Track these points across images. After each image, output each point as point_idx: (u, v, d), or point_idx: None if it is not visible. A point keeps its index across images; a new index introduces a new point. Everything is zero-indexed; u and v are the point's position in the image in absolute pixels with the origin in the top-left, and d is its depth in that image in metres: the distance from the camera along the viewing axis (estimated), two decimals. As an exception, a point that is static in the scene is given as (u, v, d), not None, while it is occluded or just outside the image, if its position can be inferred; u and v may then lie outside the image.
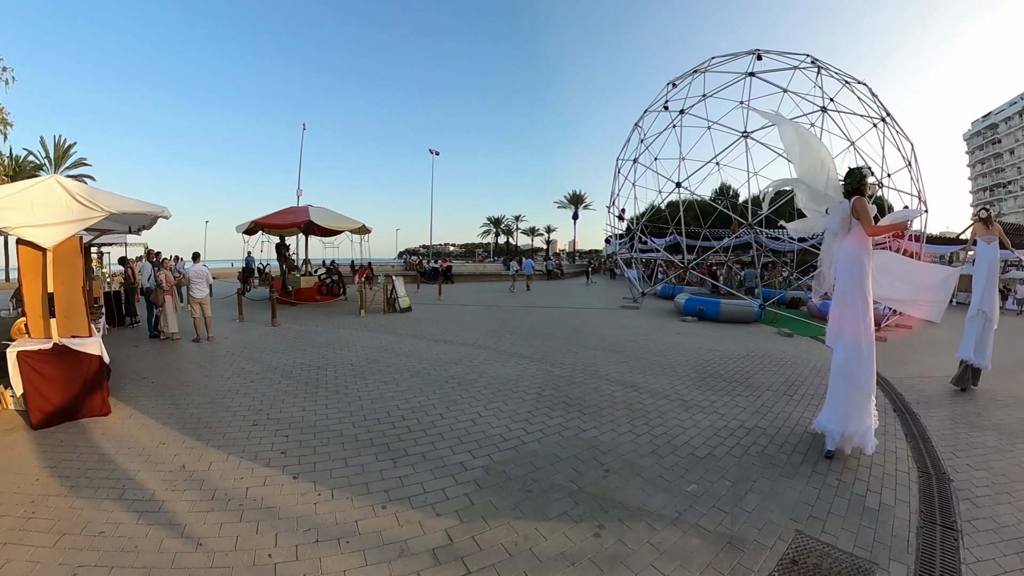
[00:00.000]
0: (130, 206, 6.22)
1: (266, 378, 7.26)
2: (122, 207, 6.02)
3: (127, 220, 8.33)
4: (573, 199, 77.51)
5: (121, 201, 6.10)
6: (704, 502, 3.79)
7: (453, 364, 8.31)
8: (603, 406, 6.11)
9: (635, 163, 21.00)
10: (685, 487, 4.03)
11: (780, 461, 4.57)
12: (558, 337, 11.09)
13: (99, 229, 9.50)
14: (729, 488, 4.02)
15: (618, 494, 3.92)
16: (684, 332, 11.85)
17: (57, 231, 5.50)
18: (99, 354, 5.92)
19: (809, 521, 3.56)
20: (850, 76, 16.20)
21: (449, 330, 11.84)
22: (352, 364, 8.18)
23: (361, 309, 14.42)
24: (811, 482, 4.15)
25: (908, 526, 3.54)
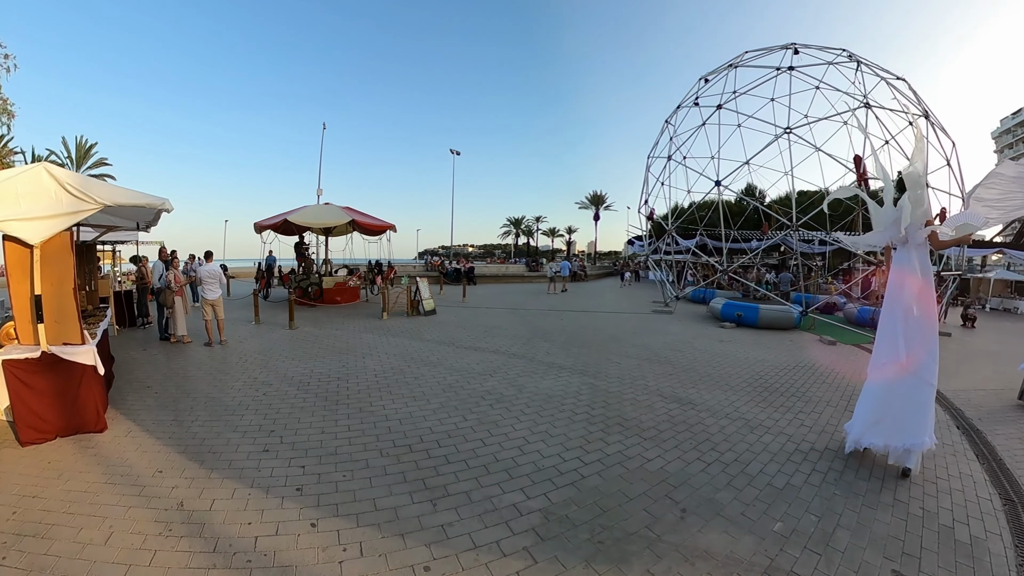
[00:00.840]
0: (127, 198, 5.57)
1: (280, 390, 6.55)
2: (118, 199, 5.38)
3: (128, 214, 7.77)
4: (594, 199, 77.20)
5: (117, 192, 5.46)
6: (794, 543, 3.38)
7: (487, 376, 7.53)
8: (662, 428, 5.46)
9: (669, 160, 20.11)
10: (771, 526, 3.58)
11: (860, 488, 4.22)
12: (595, 345, 10.34)
13: (105, 225, 9.01)
14: (816, 524, 3.63)
15: (701, 540, 3.39)
16: (726, 339, 11.20)
17: (45, 225, 4.88)
18: (92, 364, 5.28)
19: (904, 560, 3.27)
20: (888, 71, 15.32)
21: (478, 336, 11.07)
22: (376, 375, 7.44)
23: (384, 312, 13.74)
24: (896, 512, 3.84)
25: (1006, 563, 3.30)
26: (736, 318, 13.36)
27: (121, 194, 5.51)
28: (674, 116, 20.02)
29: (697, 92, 18.88)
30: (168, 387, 6.76)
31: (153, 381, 7.06)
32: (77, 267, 8.40)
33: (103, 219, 8.37)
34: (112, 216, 8.05)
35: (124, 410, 5.83)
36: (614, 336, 11.56)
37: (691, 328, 13.08)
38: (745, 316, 13.20)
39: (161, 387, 6.76)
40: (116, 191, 5.47)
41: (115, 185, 5.66)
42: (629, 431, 5.34)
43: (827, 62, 15.42)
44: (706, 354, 9.49)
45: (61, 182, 4.93)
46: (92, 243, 8.96)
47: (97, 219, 8.44)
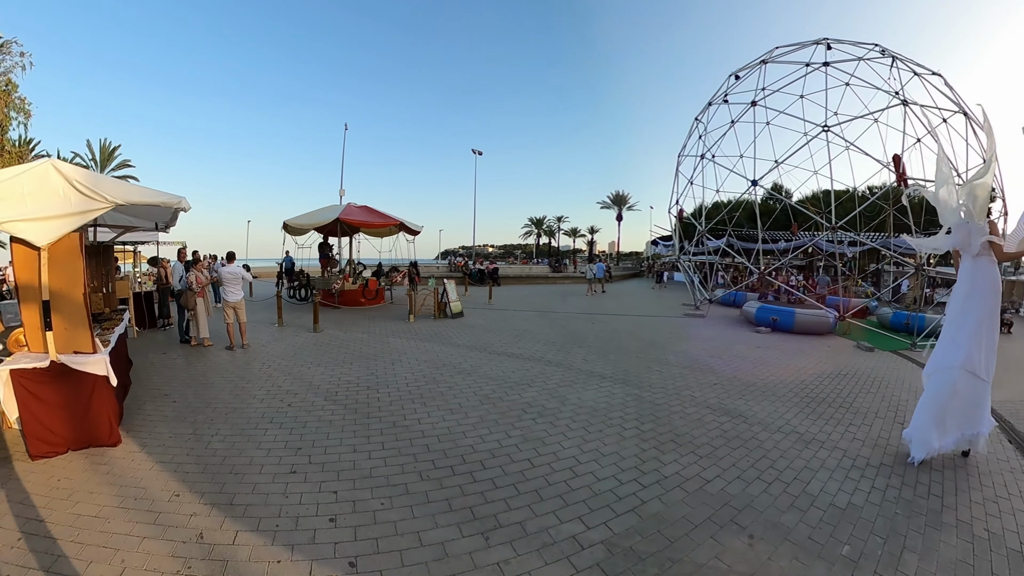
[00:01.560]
0: (141, 196, 5.22)
1: (307, 401, 6.13)
2: (131, 197, 5.03)
3: (144, 214, 7.48)
4: (616, 199, 76.61)
5: (130, 190, 5.12)
6: (864, 568, 3.17)
7: (526, 386, 7.04)
8: (716, 444, 5.10)
9: (702, 159, 19.40)
10: (839, 550, 3.37)
11: (920, 507, 4.00)
12: (633, 351, 9.84)
13: (123, 226, 8.77)
14: (883, 547, 3.42)
15: (773, 569, 3.14)
16: (763, 345, 10.77)
17: (52, 226, 4.55)
18: (104, 374, 4.94)
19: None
20: (923, 66, 14.49)
21: (510, 341, 10.58)
22: (408, 383, 6.99)
23: (410, 314, 13.35)
24: (960, 534, 3.63)
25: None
26: (771, 322, 13.00)
27: (135, 192, 5.17)
28: (704, 113, 19.52)
29: (728, 89, 18.42)
30: (187, 395, 6.42)
31: (172, 388, 6.74)
32: (93, 269, 8.21)
33: (120, 219, 8.13)
34: (129, 216, 7.80)
35: (140, 421, 5.50)
36: (650, 341, 11.09)
37: (726, 333, 12.60)
38: (781, 321, 12.84)
39: (180, 395, 6.42)
40: (129, 189, 5.13)
41: (129, 183, 5.30)
42: (683, 448, 4.95)
43: (857, 58, 14.91)
44: (746, 361, 9.09)
45: (70, 179, 4.59)
46: (109, 244, 8.71)
47: (114, 219, 8.23)
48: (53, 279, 4.72)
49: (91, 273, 7.94)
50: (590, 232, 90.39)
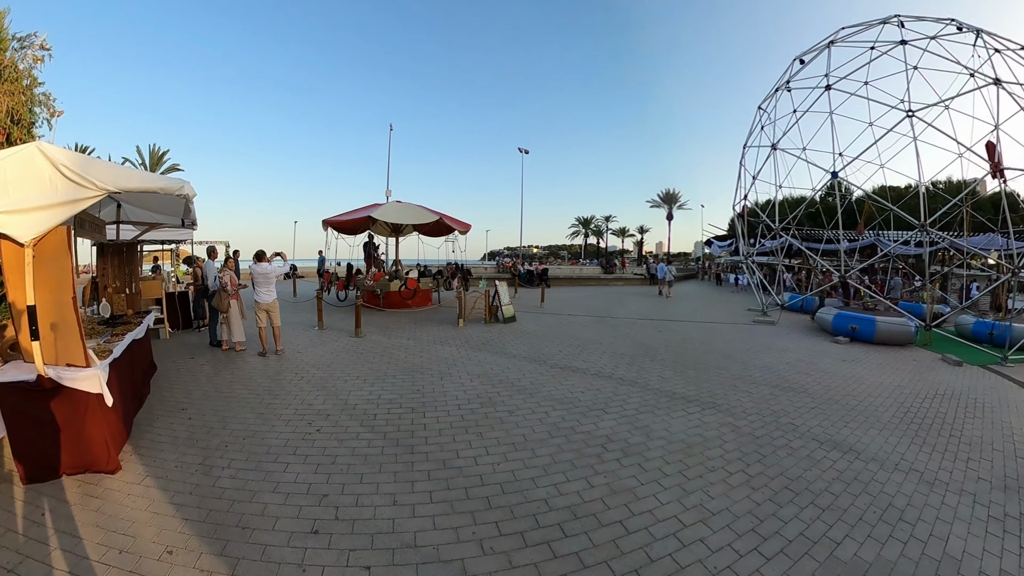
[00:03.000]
0: (136, 181, 4.44)
1: (339, 426, 5.19)
2: (125, 183, 4.25)
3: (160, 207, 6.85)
4: (667, 198, 75.25)
5: (123, 175, 4.33)
6: None
7: (600, 412, 5.91)
8: (835, 490, 4.24)
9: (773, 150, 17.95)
10: None
11: None
12: (711, 366, 8.56)
13: (147, 223, 8.23)
14: None
15: None
16: (848, 359, 9.77)
17: (37, 219, 3.82)
18: (99, 392, 4.17)
19: None
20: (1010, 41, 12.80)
21: (571, 351, 9.43)
22: (459, 406, 5.96)
23: (459, 318, 12.40)
24: None
25: None
26: (850, 331, 12.07)
27: (130, 177, 4.39)
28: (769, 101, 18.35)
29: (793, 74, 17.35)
30: (205, 411, 5.66)
31: (191, 401, 6.03)
32: (116, 268, 7.67)
33: (143, 215, 7.60)
34: (150, 211, 7.21)
35: (147, 441, 4.82)
36: (726, 353, 9.80)
37: (804, 343, 11.49)
38: (861, 330, 11.96)
39: (197, 410, 5.68)
40: (123, 174, 4.35)
41: (124, 167, 4.55)
42: (801, 498, 4.05)
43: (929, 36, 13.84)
44: (836, 378, 8.12)
45: (56, 164, 3.82)
46: (133, 242, 8.18)
47: (137, 216, 7.71)
48: (40, 281, 3.98)
49: (113, 273, 7.39)
50: (640, 232, 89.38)
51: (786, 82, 17.55)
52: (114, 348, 5.00)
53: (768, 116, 18.48)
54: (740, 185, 19.79)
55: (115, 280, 7.33)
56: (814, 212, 22.30)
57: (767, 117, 18.53)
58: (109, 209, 7.16)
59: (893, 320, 11.92)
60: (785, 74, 17.70)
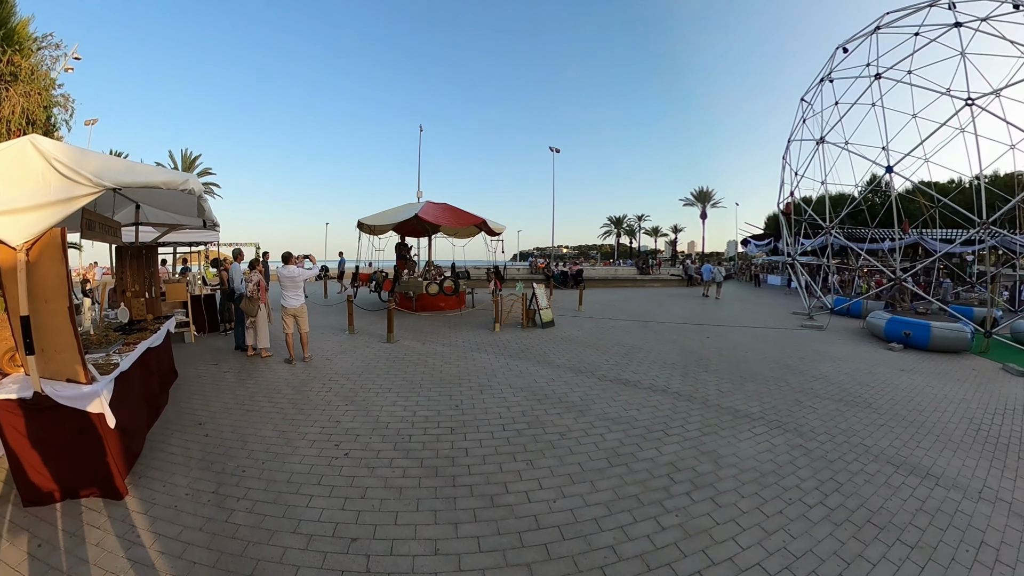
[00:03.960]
0: (137, 176, 4.01)
1: (370, 450, 4.65)
2: (122, 178, 3.81)
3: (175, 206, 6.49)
4: (700, 196, 74.19)
5: (120, 170, 3.89)
6: None
7: (661, 434, 5.26)
8: (920, 522, 3.77)
9: (821, 143, 17.23)
10: None
11: None
12: (769, 378, 7.89)
13: (167, 224, 7.93)
14: None
15: None
16: (907, 368, 9.13)
17: (29, 220, 3.44)
18: (100, 412, 3.75)
19: None
20: None
21: (619, 361, 8.74)
22: (504, 425, 5.36)
23: (496, 323, 11.83)
24: None
25: None
26: (903, 337, 11.55)
27: (129, 171, 3.95)
28: (812, 93, 17.67)
29: (835, 64, 16.69)
30: (223, 426, 5.24)
31: (209, 414, 5.63)
32: (135, 271, 7.33)
33: (163, 216, 7.28)
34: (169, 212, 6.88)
35: (159, 461, 4.45)
36: (781, 363, 9.08)
37: (858, 350, 10.83)
38: (914, 335, 11.40)
39: (215, 425, 5.27)
40: (121, 168, 3.91)
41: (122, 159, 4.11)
42: (887, 534, 3.61)
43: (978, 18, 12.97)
44: (898, 390, 7.55)
45: (49, 158, 3.40)
46: (152, 245, 7.88)
47: (157, 217, 7.41)
48: (34, 288, 3.58)
49: (132, 277, 7.06)
50: (673, 231, 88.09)
51: (829, 73, 16.91)
52: (122, 360, 4.56)
53: (811, 108, 17.92)
54: (784, 181, 19.05)
55: (134, 284, 7.00)
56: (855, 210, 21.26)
57: (811, 109, 17.95)
58: (128, 211, 6.90)
59: (948, 326, 11.20)
60: (828, 64, 17.00)
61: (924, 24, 14.18)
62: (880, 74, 15.11)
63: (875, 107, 16.39)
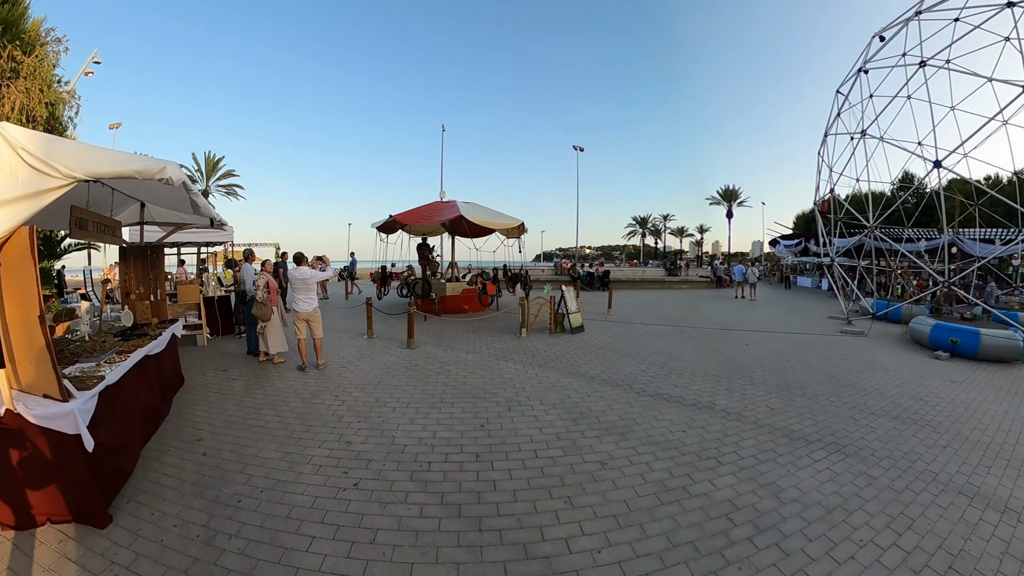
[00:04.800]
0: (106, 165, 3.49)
1: (383, 480, 4.10)
2: (95, 168, 3.34)
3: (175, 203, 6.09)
4: (726, 195, 73.46)
5: (92, 159, 3.43)
6: None
7: (713, 462, 4.66)
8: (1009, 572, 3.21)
9: (863, 136, 16.37)
10: None
11: None
12: (819, 392, 7.28)
13: (173, 223, 7.55)
14: None
15: None
16: (959, 380, 8.47)
17: None
18: (76, 432, 3.29)
19: None
20: None
21: (656, 371, 8.08)
22: (536, 452, 4.75)
23: (522, 327, 11.25)
24: None
25: None
26: (950, 345, 10.90)
27: (101, 160, 3.47)
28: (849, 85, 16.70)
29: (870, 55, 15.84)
30: (223, 444, 4.80)
31: (210, 428, 5.21)
32: (139, 273, 6.93)
33: (168, 215, 6.90)
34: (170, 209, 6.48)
35: (150, 484, 4.03)
36: (828, 373, 8.45)
37: (903, 359, 10.16)
38: (962, 343, 10.73)
39: (215, 442, 4.84)
40: (93, 156, 3.45)
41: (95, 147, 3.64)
42: None
43: None
44: (956, 406, 6.94)
45: (15, 147, 2.96)
46: (158, 245, 7.49)
47: (162, 216, 7.06)
48: (7, 294, 3.14)
49: (137, 278, 6.67)
50: (700, 231, 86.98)
51: (863, 64, 16.16)
52: (111, 371, 4.11)
53: (848, 101, 17.00)
54: (820, 178, 18.20)
55: (139, 286, 6.60)
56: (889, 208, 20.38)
57: (847, 102, 17.09)
58: (132, 209, 6.58)
59: (1000, 333, 10.55)
60: (863, 53, 16.11)
61: (967, 7, 13.32)
62: (925, 61, 14.32)
63: (910, 99, 15.88)
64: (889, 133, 15.66)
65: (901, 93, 15.83)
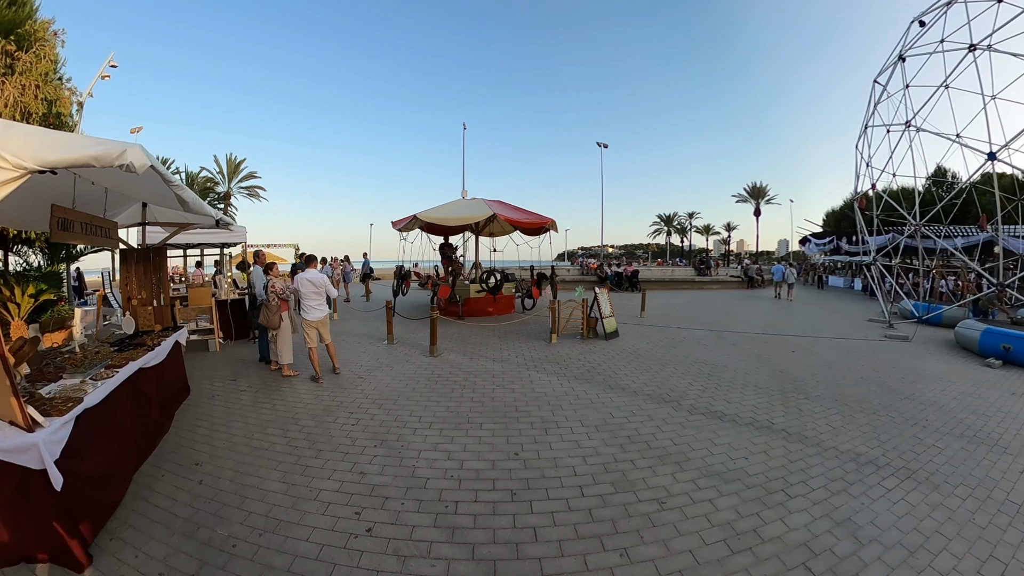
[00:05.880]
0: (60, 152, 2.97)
1: (401, 525, 3.52)
2: (48, 157, 2.84)
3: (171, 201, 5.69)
4: (754, 192, 72.07)
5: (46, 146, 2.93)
6: None
7: (782, 496, 4.07)
8: None
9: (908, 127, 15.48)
10: None
11: None
12: (877, 406, 6.69)
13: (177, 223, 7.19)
14: None
15: None
16: (1019, 392, 7.84)
17: None
18: (41, 467, 2.81)
19: None
20: None
21: (703, 384, 7.40)
22: (581, 489, 4.11)
23: (552, 333, 10.62)
24: None
25: None
26: (1003, 352, 10.34)
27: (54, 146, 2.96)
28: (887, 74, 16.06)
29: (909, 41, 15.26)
30: (222, 470, 4.33)
31: (209, 451, 4.77)
32: (141, 276, 6.50)
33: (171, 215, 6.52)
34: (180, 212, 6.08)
35: (139, 516, 3.61)
36: (882, 384, 7.91)
37: (954, 368, 9.56)
38: (1015, 350, 10.19)
39: (213, 468, 4.38)
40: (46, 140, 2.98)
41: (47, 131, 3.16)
42: None
43: None
44: (1020, 421, 6.36)
45: None
46: (160, 247, 7.09)
47: (165, 216, 6.68)
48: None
49: (138, 283, 6.25)
50: (727, 229, 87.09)
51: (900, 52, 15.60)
52: (92, 391, 3.63)
53: (886, 91, 16.33)
54: (859, 172, 17.39)
55: (140, 291, 6.19)
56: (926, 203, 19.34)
57: (885, 92, 16.35)
58: (133, 210, 6.22)
59: None
60: (902, 39, 15.52)
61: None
62: (975, 46, 13.50)
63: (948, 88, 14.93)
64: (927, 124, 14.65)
65: (939, 82, 15.03)
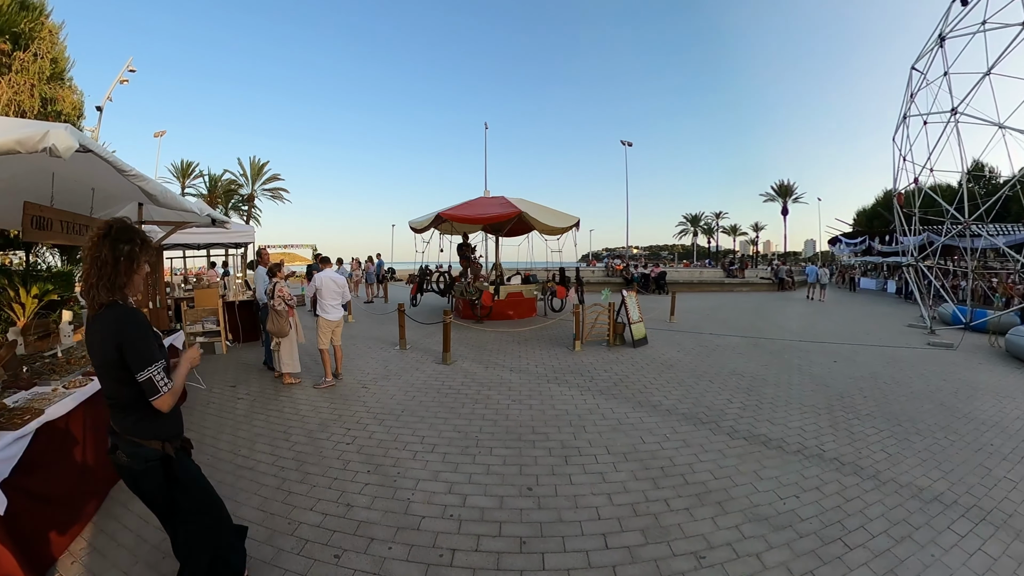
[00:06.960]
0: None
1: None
2: None
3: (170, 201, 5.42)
4: (781, 190, 71.01)
5: None
6: None
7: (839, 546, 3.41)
8: None
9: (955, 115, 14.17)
10: None
11: None
12: (934, 427, 6.00)
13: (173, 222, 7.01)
14: None
15: None
16: None
17: None
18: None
19: None
20: None
21: (743, 401, 6.71)
22: (606, 539, 3.46)
23: (576, 339, 10.02)
24: None
25: None
26: None
27: None
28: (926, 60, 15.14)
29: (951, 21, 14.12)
30: (200, 500, 3.84)
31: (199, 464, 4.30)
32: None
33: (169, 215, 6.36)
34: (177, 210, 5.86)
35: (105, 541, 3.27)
36: (935, 399, 7.21)
37: (1008, 380, 8.65)
38: None
39: (190, 498, 3.88)
40: None
41: None
42: None
43: None
44: None
45: None
46: (157, 247, 6.88)
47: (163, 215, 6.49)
48: None
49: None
50: (755, 229, 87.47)
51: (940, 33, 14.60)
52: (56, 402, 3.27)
53: (925, 79, 15.40)
54: (896, 166, 16.54)
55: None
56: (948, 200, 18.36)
57: (923, 79, 15.45)
58: (128, 209, 6.07)
59: None
60: (941, 21, 14.48)
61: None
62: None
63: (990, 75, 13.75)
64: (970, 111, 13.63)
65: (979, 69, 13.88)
